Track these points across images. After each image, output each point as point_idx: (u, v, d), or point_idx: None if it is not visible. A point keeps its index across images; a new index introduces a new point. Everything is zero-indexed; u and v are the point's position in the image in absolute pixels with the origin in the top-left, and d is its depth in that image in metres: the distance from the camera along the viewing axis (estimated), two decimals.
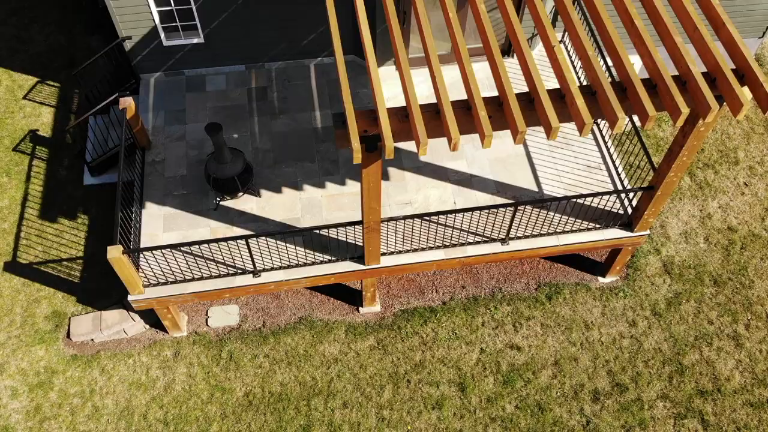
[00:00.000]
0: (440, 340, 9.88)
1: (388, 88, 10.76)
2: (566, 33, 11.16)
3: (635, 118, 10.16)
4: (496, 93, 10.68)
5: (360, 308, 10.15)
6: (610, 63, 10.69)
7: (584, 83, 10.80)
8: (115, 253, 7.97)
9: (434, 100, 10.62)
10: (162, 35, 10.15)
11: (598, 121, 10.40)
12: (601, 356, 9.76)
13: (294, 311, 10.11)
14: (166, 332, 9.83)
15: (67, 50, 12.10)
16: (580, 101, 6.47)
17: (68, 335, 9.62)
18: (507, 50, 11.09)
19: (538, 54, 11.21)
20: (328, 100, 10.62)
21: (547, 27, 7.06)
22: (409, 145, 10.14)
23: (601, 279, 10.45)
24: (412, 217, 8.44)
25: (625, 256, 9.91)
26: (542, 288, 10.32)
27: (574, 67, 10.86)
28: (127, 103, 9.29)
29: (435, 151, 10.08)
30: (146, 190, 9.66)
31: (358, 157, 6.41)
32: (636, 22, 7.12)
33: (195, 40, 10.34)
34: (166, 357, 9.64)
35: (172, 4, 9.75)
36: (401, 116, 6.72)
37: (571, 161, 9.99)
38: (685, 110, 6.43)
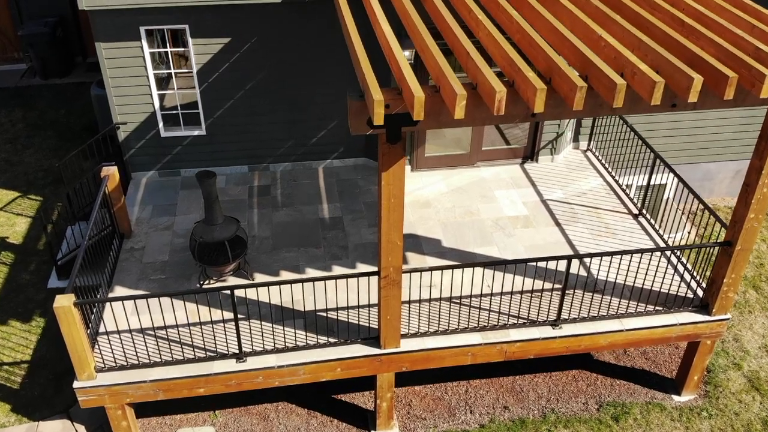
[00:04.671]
0: None
1: (410, 182, 9.73)
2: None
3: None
4: (521, 190, 9.63)
5: (372, 431, 7.89)
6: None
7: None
8: (64, 302, 6.23)
9: (456, 199, 9.52)
10: (161, 124, 9.41)
11: (645, 212, 9.17)
12: None
13: None
14: None
15: (57, 171, 11.31)
16: (644, 66, 5.40)
17: None
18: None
19: (562, 160, 10.38)
20: (338, 196, 9.50)
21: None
22: (429, 231, 8.78)
23: (676, 397, 8.29)
24: (442, 268, 6.80)
25: (702, 358, 7.94)
26: (605, 408, 8.13)
27: None
28: (110, 171, 8.19)
29: (459, 237, 8.69)
30: (118, 275, 8.08)
31: (380, 114, 5.12)
32: (670, 32, 6.37)
33: (196, 132, 9.57)
34: None
35: (175, 87, 9.19)
36: (431, 91, 5.59)
37: (620, 248, 8.55)
38: (732, 75, 5.28)
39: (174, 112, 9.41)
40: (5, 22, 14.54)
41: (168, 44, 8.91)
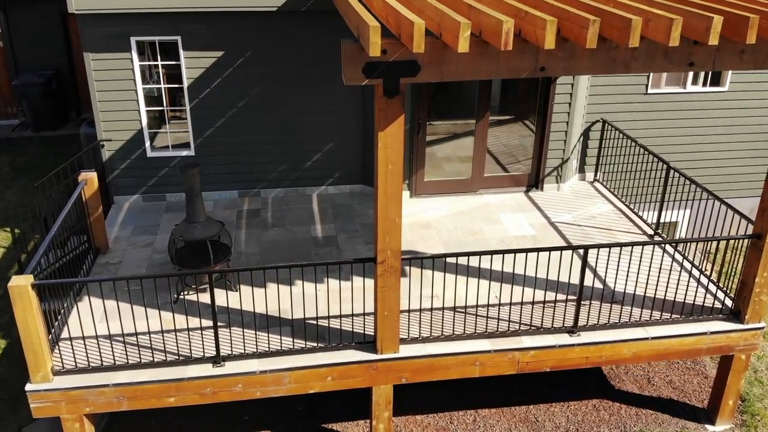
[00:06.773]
0: None
1: (409, 207, 9.19)
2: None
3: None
4: (527, 213, 9.08)
5: None
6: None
7: None
8: (21, 281, 5.53)
9: (458, 221, 8.95)
10: (147, 143, 8.99)
11: (660, 229, 8.59)
12: None
13: None
14: None
15: (38, 207, 10.78)
16: (659, 11, 5.07)
17: None
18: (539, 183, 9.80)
19: (568, 188, 9.90)
20: (332, 218, 8.93)
21: None
22: (430, 248, 8.14)
23: (710, 427, 7.36)
24: (445, 256, 6.15)
25: (737, 376, 7.10)
26: None
27: None
28: (88, 176, 7.68)
29: None
30: (88, 285, 7.36)
31: (376, 44, 4.68)
32: None
33: (185, 153, 9.13)
34: None
35: (165, 103, 8.84)
36: (432, 39, 5.20)
37: (635, 263, 7.89)
38: (753, 16, 4.94)
39: (163, 131, 9.03)
40: (0, 77, 14.50)
41: (159, 59, 8.66)
